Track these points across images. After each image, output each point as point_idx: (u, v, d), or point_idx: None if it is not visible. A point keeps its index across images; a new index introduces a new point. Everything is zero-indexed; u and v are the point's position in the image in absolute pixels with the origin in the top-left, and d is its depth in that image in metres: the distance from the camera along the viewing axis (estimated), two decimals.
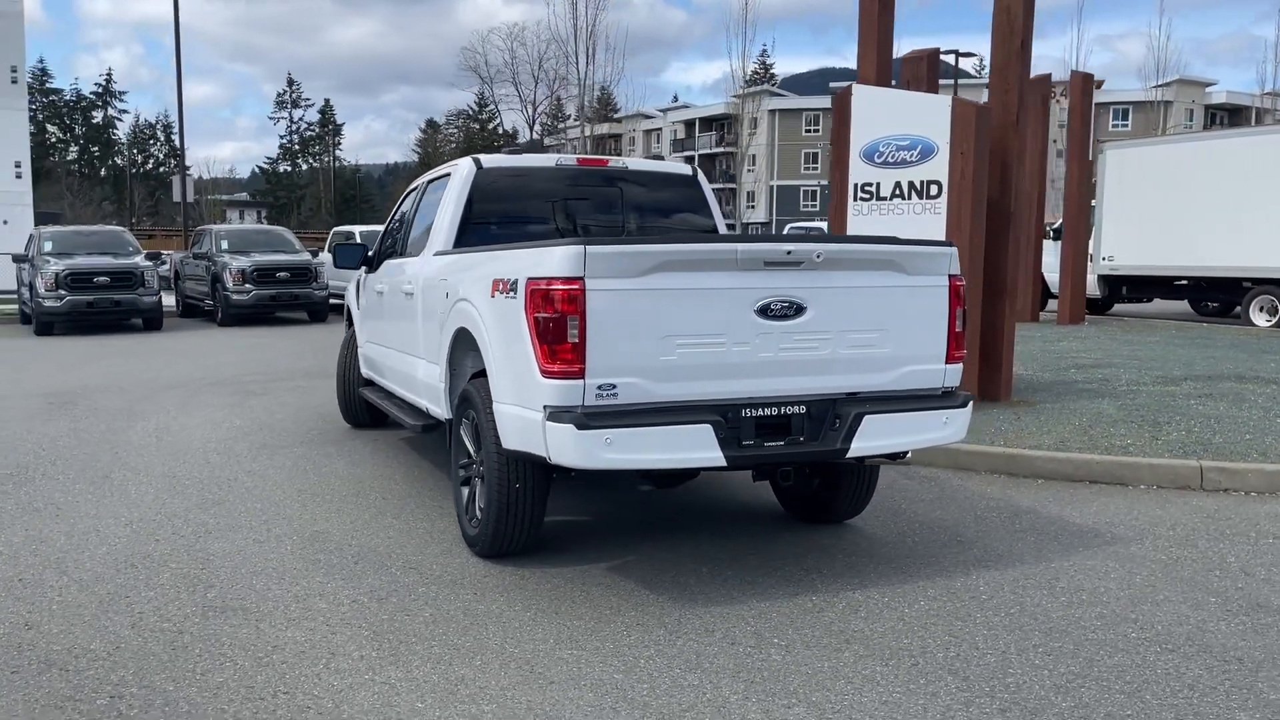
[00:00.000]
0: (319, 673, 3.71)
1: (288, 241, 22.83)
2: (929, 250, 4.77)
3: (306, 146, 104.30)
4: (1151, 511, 5.94)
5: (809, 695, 3.53)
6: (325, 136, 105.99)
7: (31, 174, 64.50)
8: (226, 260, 20.32)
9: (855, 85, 9.17)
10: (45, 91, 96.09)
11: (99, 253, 19.93)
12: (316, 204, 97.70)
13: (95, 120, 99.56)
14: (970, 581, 4.72)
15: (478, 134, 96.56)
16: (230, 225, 26.53)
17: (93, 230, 22.99)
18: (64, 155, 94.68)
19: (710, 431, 4.23)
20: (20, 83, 37.81)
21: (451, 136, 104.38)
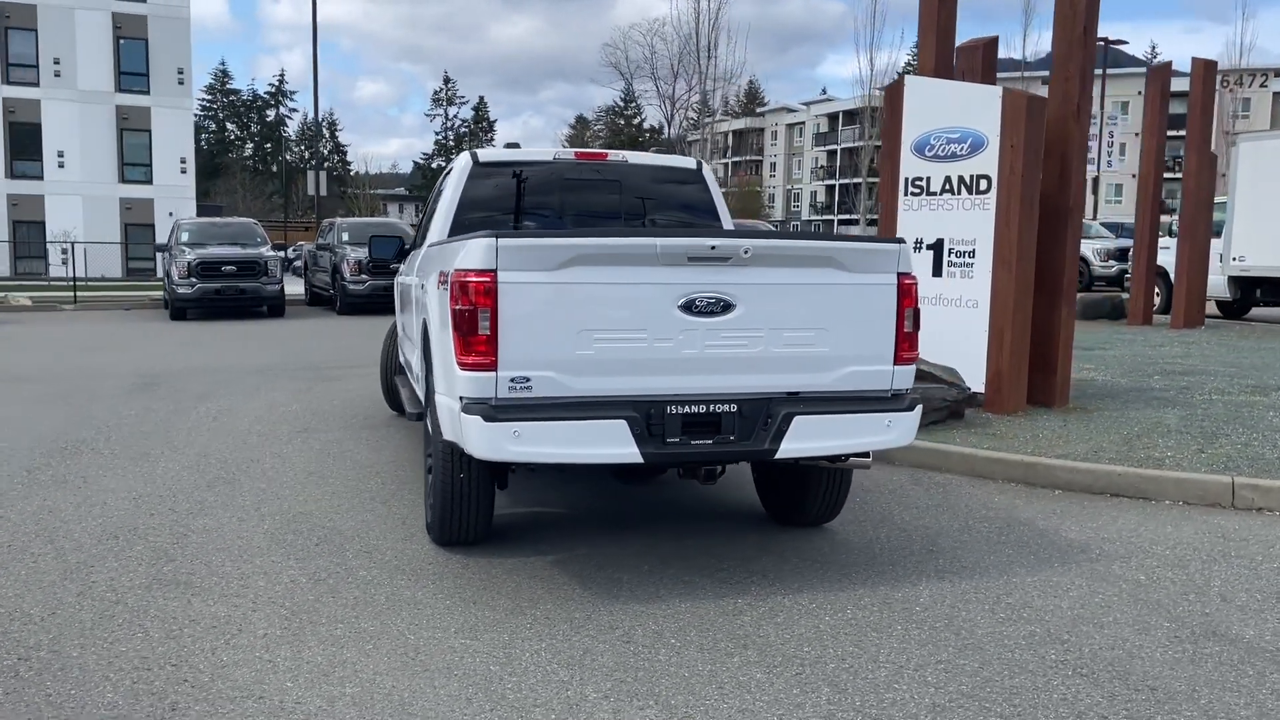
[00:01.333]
0: (216, 648, 3.86)
1: (406, 234, 23.63)
2: (873, 247, 4.59)
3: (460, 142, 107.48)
4: (1160, 529, 5.56)
5: (669, 698, 3.46)
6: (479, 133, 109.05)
7: (210, 169, 68.40)
8: (345, 251, 21.17)
9: (908, 76, 8.87)
10: (225, 92, 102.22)
11: (229, 243, 21.07)
12: None
13: (269, 119, 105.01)
14: (914, 592, 4.53)
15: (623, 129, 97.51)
16: (353, 219, 27.54)
17: (226, 222, 24.31)
18: (240, 151, 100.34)
19: (625, 427, 4.19)
20: (186, 84, 40.31)
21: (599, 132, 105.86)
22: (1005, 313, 8.12)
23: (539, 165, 6.35)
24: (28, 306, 23.94)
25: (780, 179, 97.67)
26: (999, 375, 8.20)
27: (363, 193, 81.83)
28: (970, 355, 8.31)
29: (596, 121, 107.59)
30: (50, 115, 39.74)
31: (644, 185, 6.52)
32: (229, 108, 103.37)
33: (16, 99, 39.45)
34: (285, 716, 3.31)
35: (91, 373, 11.79)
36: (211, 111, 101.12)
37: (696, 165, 6.62)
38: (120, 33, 40.59)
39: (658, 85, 55.58)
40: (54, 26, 39.64)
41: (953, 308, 8.49)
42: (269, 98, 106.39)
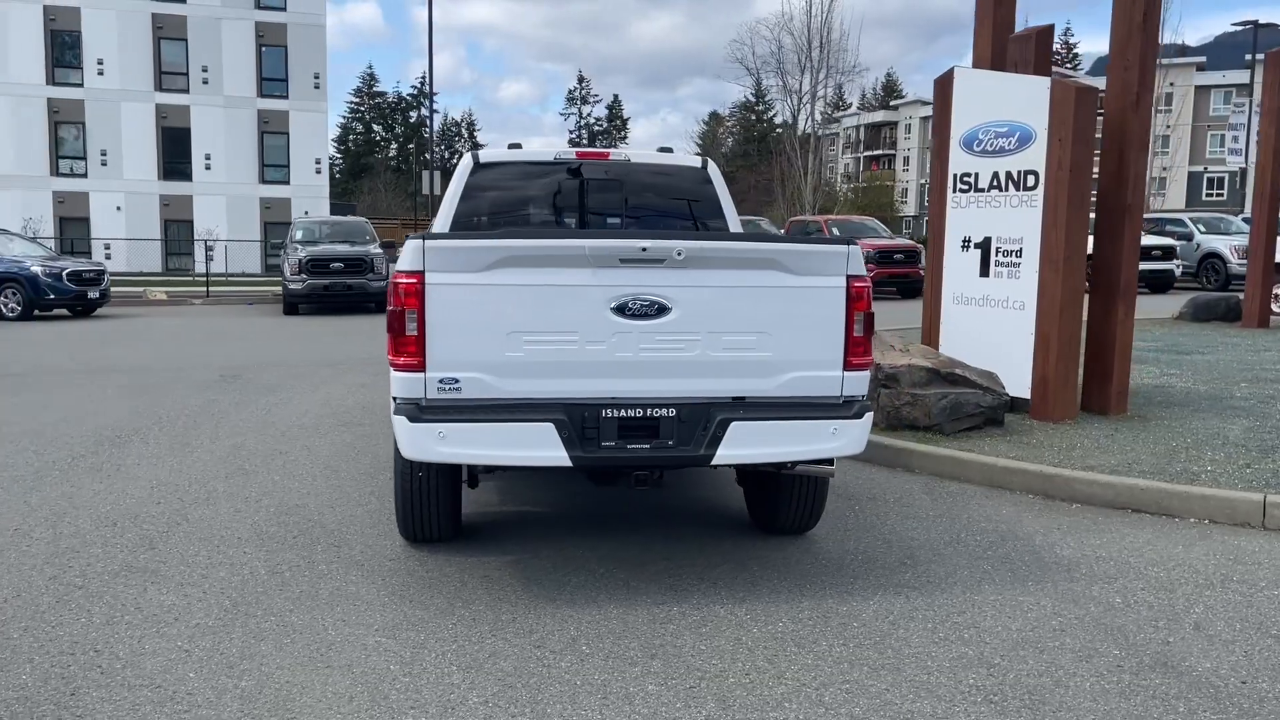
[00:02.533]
0: (144, 636, 4.01)
1: None
2: (819, 249, 4.43)
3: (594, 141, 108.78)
4: (1168, 549, 5.20)
5: (547, 707, 3.43)
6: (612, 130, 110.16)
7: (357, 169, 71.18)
8: None
9: (957, 68, 8.53)
10: (372, 94, 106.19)
11: (340, 241, 21.86)
12: None
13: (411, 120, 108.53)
14: (860, 607, 4.36)
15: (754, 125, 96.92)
16: None
17: (339, 221, 25.24)
18: (386, 152, 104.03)
19: (552, 430, 4.16)
20: (321, 88, 41.94)
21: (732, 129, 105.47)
22: (1052, 315, 7.73)
23: (540, 165, 6.36)
24: (163, 300, 25.38)
25: (914, 173, 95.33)
26: (1044, 381, 7.81)
27: None
28: (1016, 359, 7.95)
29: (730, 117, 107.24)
30: (199, 120, 41.99)
31: (646, 184, 6.45)
32: (375, 109, 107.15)
33: (169, 105, 41.84)
34: (169, 705, 3.42)
35: (184, 365, 12.41)
36: (359, 114, 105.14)
37: (702, 164, 6.52)
38: (262, 41, 42.58)
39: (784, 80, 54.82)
40: (203, 36, 41.87)
41: (999, 309, 8.14)
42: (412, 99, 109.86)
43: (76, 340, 16.12)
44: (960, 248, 8.47)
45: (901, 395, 7.43)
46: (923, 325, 8.95)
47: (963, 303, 8.48)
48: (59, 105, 40.87)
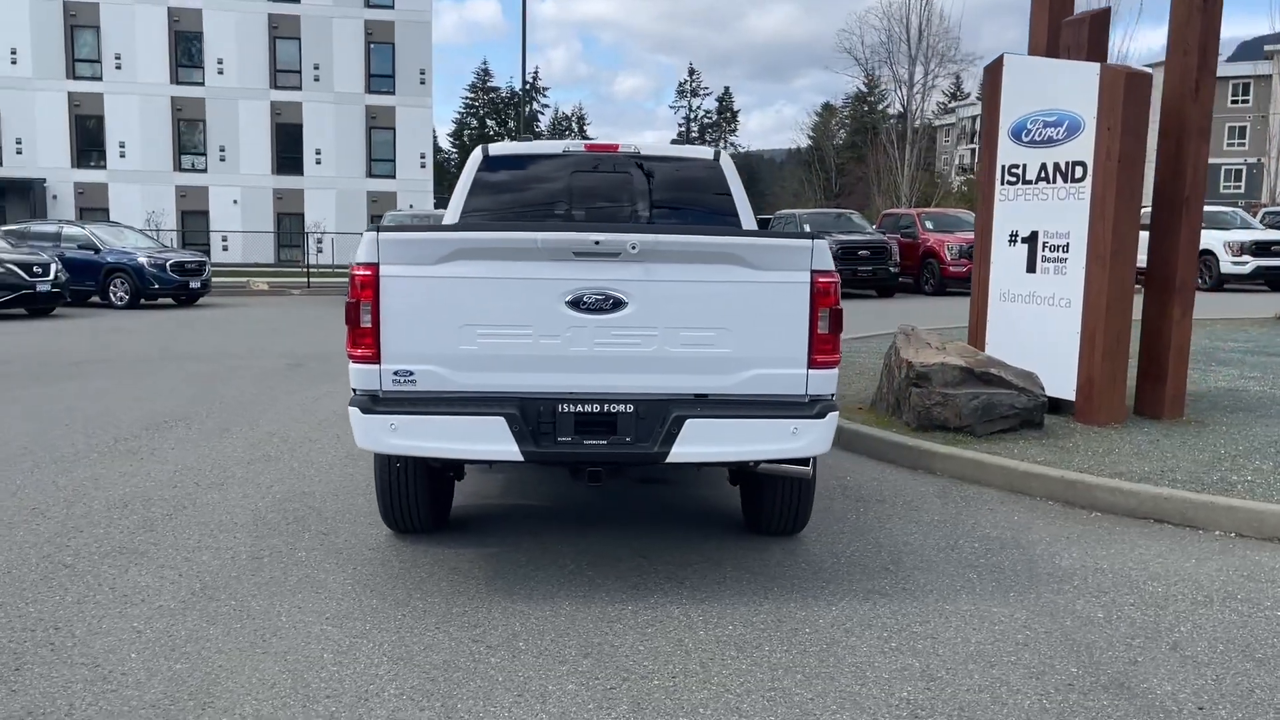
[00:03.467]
0: (105, 616, 4.14)
1: None
2: (781, 243, 4.30)
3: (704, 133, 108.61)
4: (1177, 562, 4.91)
5: (458, 703, 3.42)
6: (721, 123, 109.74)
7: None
8: None
9: (1007, 55, 8.20)
10: (486, 90, 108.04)
11: None
12: None
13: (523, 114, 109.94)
14: (819, 612, 4.23)
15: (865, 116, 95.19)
16: None
17: (426, 214, 25.70)
18: None
19: (503, 424, 4.15)
20: (427, 84, 42.86)
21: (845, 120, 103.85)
22: (1098, 313, 7.37)
23: (549, 159, 6.34)
24: (264, 291, 26.29)
25: None
26: (1090, 382, 7.46)
27: None
28: (1061, 359, 7.62)
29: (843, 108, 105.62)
30: (310, 116, 43.40)
31: (656, 177, 6.37)
32: (489, 104, 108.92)
33: (282, 102, 43.35)
34: (99, 685, 3.52)
35: (254, 354, 12.84)
36: (474, 109, 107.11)
37: (714, 156, 6.40)
38: (371, 38, 43.73)
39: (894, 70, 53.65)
40: (315, 35, 43.23)
41: (1045, 306, 7.80)
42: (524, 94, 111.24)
43: (168, 328, 16.83)
44: (1007, 242, 8.15)
45: (932, 395, 7.19)
46: (969, 323, 8.64)
47: (1009, 300, 8.16)
48: (181, 103, 42.73)
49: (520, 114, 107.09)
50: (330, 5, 43.17)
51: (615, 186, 6.32)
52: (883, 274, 22.50)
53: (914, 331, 7.91)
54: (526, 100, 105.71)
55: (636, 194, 6.33)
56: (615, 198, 6.32)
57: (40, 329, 16.63)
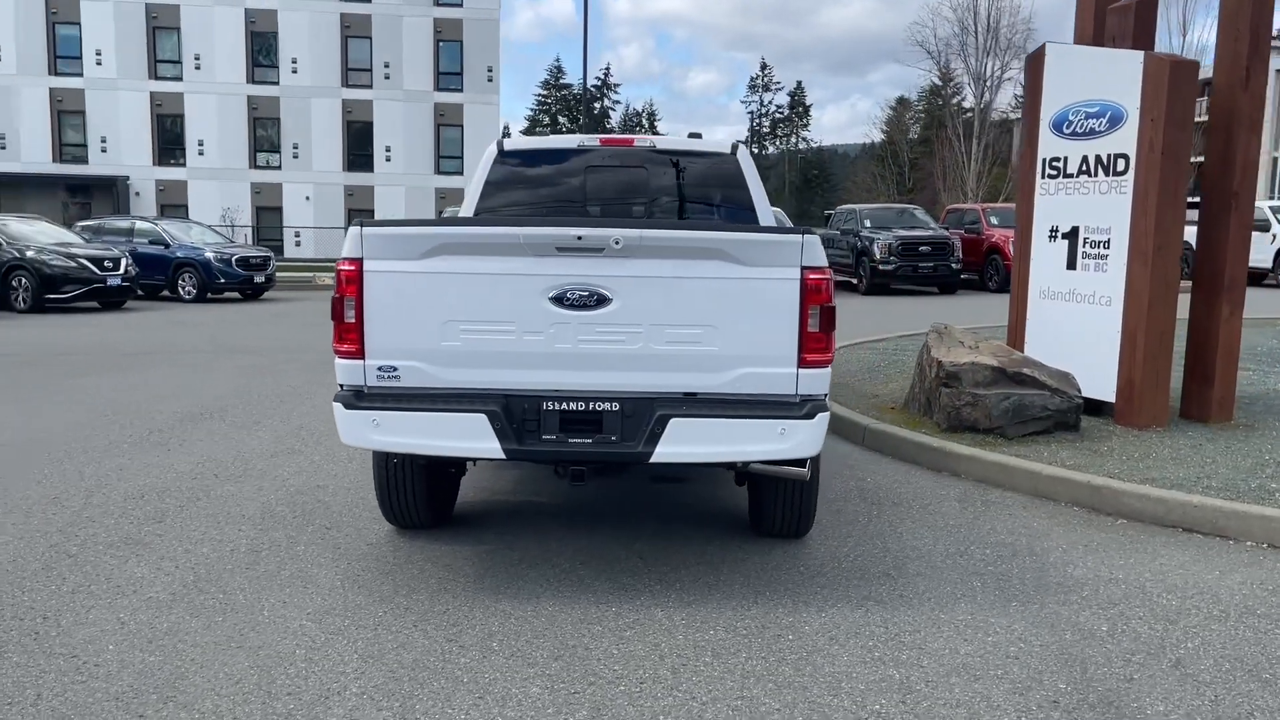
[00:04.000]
0: (93, 607, 4.19)
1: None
2: (770, 239, 4.17)
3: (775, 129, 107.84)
4: (1199, 574, 4.67)
5: (417, 703, 3.38)
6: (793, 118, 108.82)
7: None
8: None
9: (1048, 44, 7.92)
10: (558, 87, 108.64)
11: None
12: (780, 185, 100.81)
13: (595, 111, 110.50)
14: (806, 619, 4.10)
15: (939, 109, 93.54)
16: None
17: None
18: None
19: (485, 421, 4.10)
20: (494, 81, 43.19)
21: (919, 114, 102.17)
22: (1139, 312, 7.09)
23: (563, 153, 6.29)
24: (328, 286, 26.70)
25: None
26: (1130, 384, 7.18)
27: None
28: (1102, 359, 7.35)
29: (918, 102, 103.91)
30: (380, 114, 44.03)
31: (671, 171, 6.27)
32: (561, 101, 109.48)
33: (353, 100, 44.04)
34: (70, 675, 3.55)
35: (305, 348, 13.02)
36: (546, 106, 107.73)
37: (731, 149, 6.28)
38: (440, 36, 44.20)
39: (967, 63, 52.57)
40: (385, 33, 43.83)
41: (1085, 305, 7.53)
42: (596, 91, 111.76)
43: (229, 322, 17.18)
44: (1048, 238, 7.88)
45: (962, 395, 6.98)
46: (1009, 322, 8.38)
47: (1049, 298, 7.90)
48: (257, 102, 43.67)
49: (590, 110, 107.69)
50: (400, 4, 43.73)
51: (630, 181, 6.24)
52: (944, 270, 22.06)
53: (947, 329, 7.70)
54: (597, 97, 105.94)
55: (652, 188, 6.24)
56: (630, 192, 6.25)
57: (107, 321, 17.11)
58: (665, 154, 6.26)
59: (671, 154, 6.27)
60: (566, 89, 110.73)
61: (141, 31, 43.11)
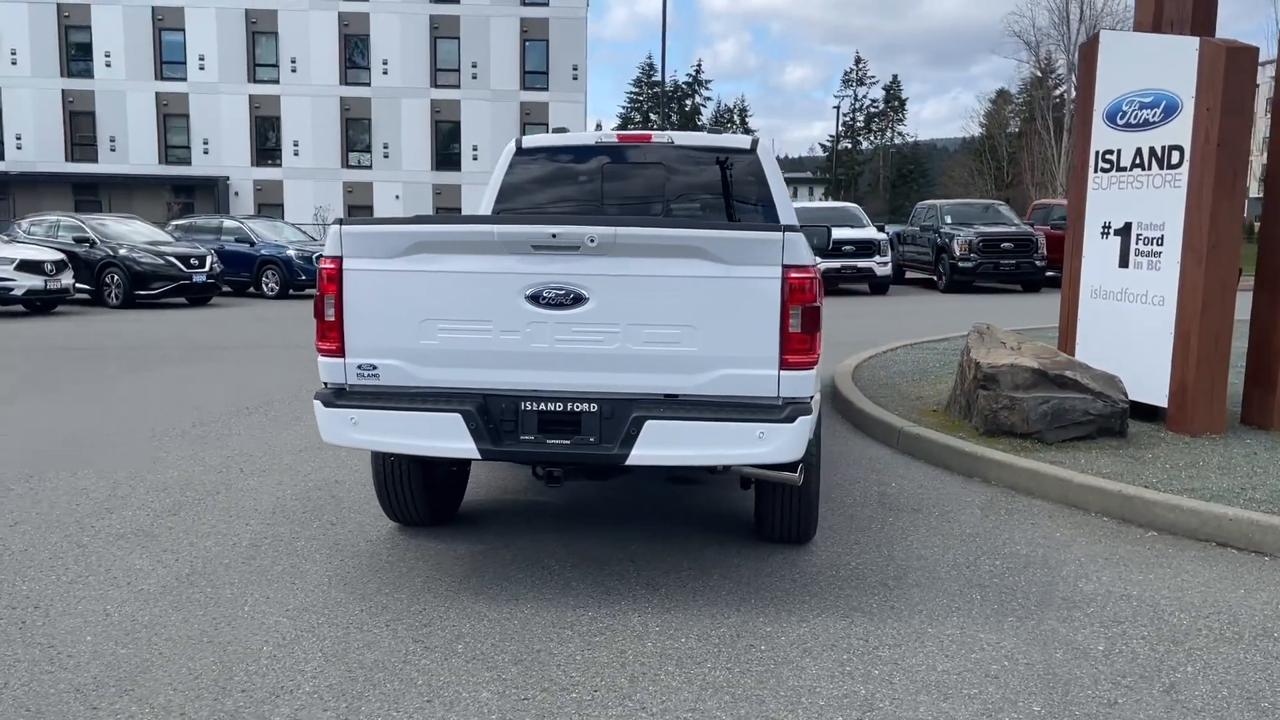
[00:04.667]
0: (85, 598, 4.28)
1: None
2: (748, 236, 4.03)
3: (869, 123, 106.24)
4: (1223, 593, 4.40)
5: (364, 703, 3.36)
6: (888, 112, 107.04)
7: None
8: None
9: (1103, 31, 7.57)
10: (650, 84, 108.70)
11: None
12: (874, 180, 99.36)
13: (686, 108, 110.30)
14: (783, 630, 3.97)
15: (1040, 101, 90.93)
16: None
17: None
18: None
19: (460, 421, 4.07)
20: (580, 79, 43.42)
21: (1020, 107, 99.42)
22: (1193, 312, 6.73)
23: (580, 150, 6.23)
24: None
25: None
26: (1183, 388, 6.82)
27: None
28: (1154, 362, 7.01)
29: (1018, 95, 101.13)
30: (467, 114, 44.70)
31: (689, 168, 6.17)
32: (652, 99, 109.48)
33: (442, 100, 44.79)
34: (41, 665, 3.63)
35: None
36: (638, 103, 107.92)
37: (750, 145, 6.14)
38: (526, 36, 44.64)
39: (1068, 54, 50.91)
40: (473, 34, 44.46)
41: (1138, 304, 7.18)
42: (686, 87, 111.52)
43: (305, 317, 17.56)
44: (1100, 234, 7.54)
45: (999, 398, 6.72)
46: (1060, 323, 8.05)
47: (1101, 297, 7.56)
48: (349, 103, 44.70)
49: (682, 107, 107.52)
50: (488, 4, 44.29)
51: (647, 178, 6.15)
52: (1027, 267, 21.42)
53: (989, 330, 7.42)
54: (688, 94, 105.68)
55: (669, 185, 6.15)
56: (646, 189, 6.16)
57: (189, 317, 17.68)
58: (683, 150, 6.15)
59: (690, 150, 6.16)
60: (658, 86, 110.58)
61: (241, 36, 44.49)
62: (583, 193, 6.19)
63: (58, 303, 18.65)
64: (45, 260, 17.90)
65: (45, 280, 17.75)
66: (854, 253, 21.60)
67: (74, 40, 44.61)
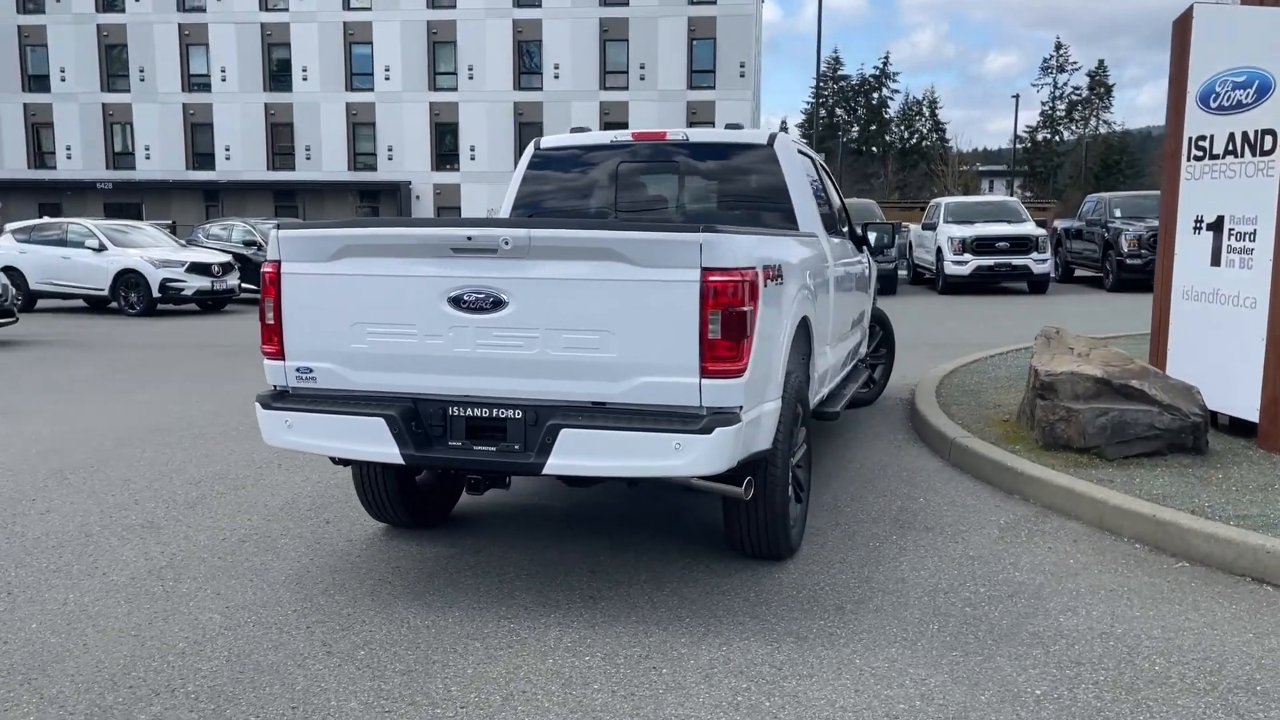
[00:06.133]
0: (56, 586, 4.50)
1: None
2: (662, 238, 3.81)
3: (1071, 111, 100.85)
4: (1222, 637, 3.87)
5: (230, 705, 3.37)
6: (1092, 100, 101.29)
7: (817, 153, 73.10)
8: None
9: (1197, 4, 6.84)
10: (836, 79, 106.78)
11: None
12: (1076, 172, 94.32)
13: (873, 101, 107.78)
14: (697, 654, 3.75)
15: None
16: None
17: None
18: (848, 134, 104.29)
19: (383, 425, 4.05)
20: (747, 76, 43.14)
21: None
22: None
23: (596, 150, 6.10)
24: None
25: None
26: (1274, 402, 6.10)
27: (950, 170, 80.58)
28: (1245, 373, 6.30)
29: None
30: (635, 114, 45.08)
31: (704, 165, 5.94)
32: (838, 93, 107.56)
33: (610, 102, 45.41)
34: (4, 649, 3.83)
35: None
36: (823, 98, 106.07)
37: (767, 141, 5.85)
38: (693, 34, 44.66)
39: None
40: (642, 35, 44.85)
41: (1229, 307, 6.47)
42: (873, 80, 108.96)
43: None
44: (1192, 230, 6.84)
45: (1056, 409, 6.18)
46: (1151, 327, 7.34)
47: (1192, 298, 6.85)
48: (522, 108, 45.96)
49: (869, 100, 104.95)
50: (656, 5, 44.57)
51: (661, 177, 5.99)
52: None
53: (1058, 334, 6.85)
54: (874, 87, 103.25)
55: (682, 184, 5.96)
56: (660, 189, 6.00)
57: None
58: (698, 147, 5.94)
59: (704, 147, 5.95)
60: (844, 80, 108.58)
61: (423, 47, 46.44)
62: (598, 192, 6.07)
63: (226, 302, 19.96)
64: (213, 263, 19.18)
65: (213, 281, 19.02)
66: (1009, 249, 20.52)
67: (275, 57, 47.70)
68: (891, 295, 21.39)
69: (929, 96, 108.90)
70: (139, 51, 47.50)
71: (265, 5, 47.03)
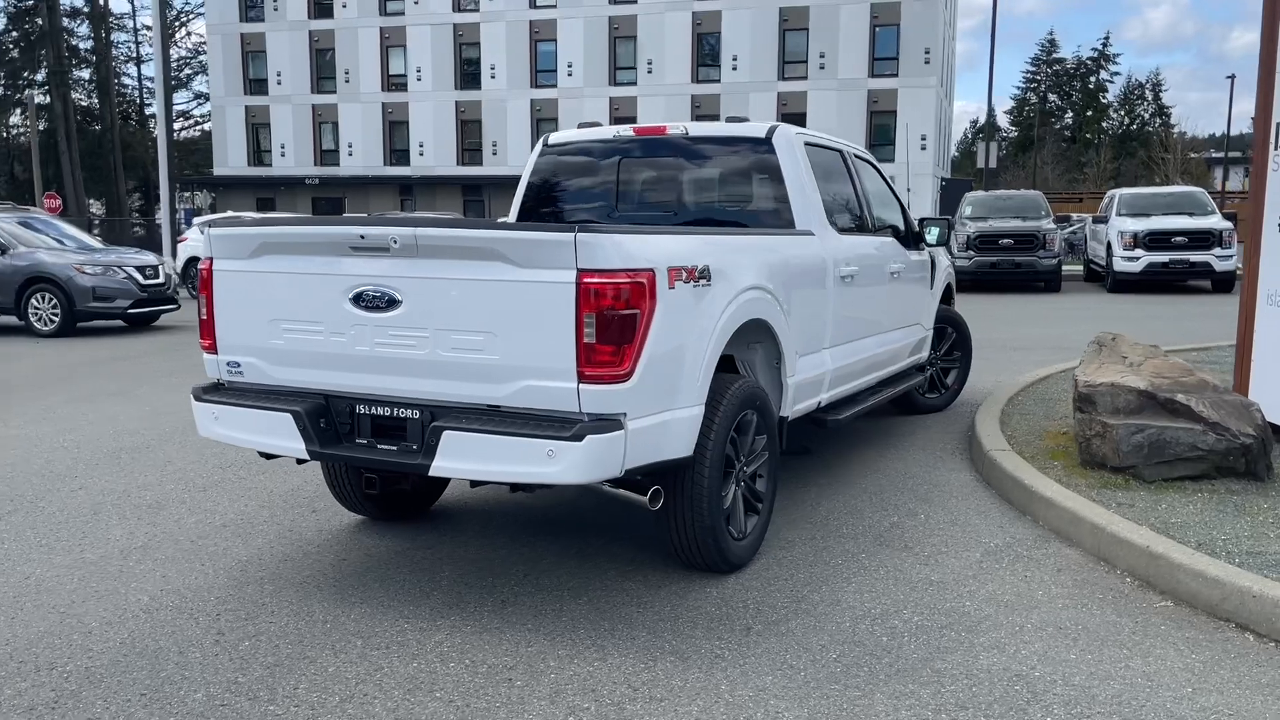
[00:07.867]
0: (33, 560, 4.81)
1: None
2: (538, 238, 3.67)
3: None
4: (1151, 694, 3.41)
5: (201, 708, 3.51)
6: None
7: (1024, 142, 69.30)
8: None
9: None
10: (1050, 62, 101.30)
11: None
12: None
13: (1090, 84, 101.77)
14: (560, 666, 3.62)
15: None
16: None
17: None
18: (1061, 120, 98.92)
19: (290, 421, 4.12)
20: (931, 64, 41.73)
21: None
22: None
23: (600, 145, 5.98)
24: None
25: None
26: None
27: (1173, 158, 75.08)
28: None
29: None
30: (814, 104, 44.28)
31: (704, 160, 5.72)
32: (1051, 77, 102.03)
33: (788, 93, 44.74)
34: None
35: None
36: (1035, 84, 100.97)
37: (765, 134, 5.57)
38: (876, 21, 43.39)
39: None
40: (822, 24, 43.97)
41: None
42: (1090, 63, 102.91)
43: None
44: (1278, 227, 6.09)
45: (1092, 424, 5.65)
46: (1237, 333, 6.59)
47: (1277, 304, 6.10)
48: (700, 100, 45.91)
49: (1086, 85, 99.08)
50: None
51: (661, 173, 5.83)
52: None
53: (1114, 341, 6.26)
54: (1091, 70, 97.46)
55: (682, 179, 5.78)
56: (661, 184, 5.84)
57: None
58: (696, 142, 5.74)
59: (703, 142, 5.74)
60: (1059, 64, 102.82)
61: (605, 42, 47.15)
62: (600, 189, 5.97)
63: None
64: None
65: None
66: (1186, 245, 18.92)
67: (465, 56, 49.55)
68: (1055, 293, 20.30)
69: (1152, 79, 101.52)
70: (345, 54, 50.36)
71: (458, 6, 48.89)
